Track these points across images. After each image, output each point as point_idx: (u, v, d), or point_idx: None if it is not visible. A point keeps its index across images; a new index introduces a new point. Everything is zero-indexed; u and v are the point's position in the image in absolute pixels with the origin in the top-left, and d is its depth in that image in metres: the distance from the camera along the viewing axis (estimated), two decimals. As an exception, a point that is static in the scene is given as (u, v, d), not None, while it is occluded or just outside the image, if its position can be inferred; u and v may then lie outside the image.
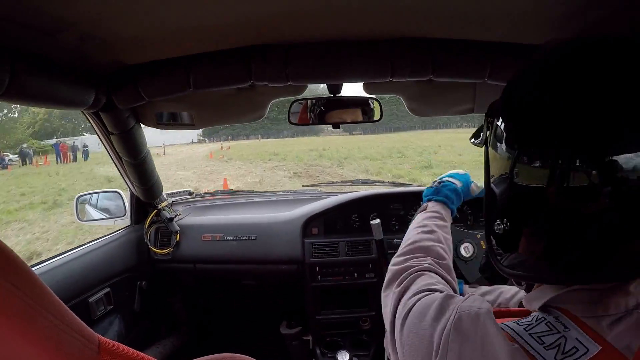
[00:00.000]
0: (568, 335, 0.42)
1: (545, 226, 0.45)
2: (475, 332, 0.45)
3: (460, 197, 0.98)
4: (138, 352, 0.41)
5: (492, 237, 0.54)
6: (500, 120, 0.50)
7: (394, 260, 0.76)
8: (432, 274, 0.66)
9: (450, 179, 1.00)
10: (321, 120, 1.26)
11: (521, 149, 0.45)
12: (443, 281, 0.66)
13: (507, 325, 0.47)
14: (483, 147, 0.57)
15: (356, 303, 1.65)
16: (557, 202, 0.42)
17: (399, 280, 0.67)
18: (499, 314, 0.56)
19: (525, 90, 0.48)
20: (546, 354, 0.42)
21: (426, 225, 0.83)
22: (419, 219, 0.89)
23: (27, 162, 21.97)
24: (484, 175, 0.55)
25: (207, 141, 37.47)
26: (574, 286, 0.46)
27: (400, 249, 0.79)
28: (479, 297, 0.51)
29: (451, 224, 1.32)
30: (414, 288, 0.62)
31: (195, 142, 36.12)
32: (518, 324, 0.47)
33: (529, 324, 0.46)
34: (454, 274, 0.72)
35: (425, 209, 0.92)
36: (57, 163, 21.51)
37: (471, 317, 0.47)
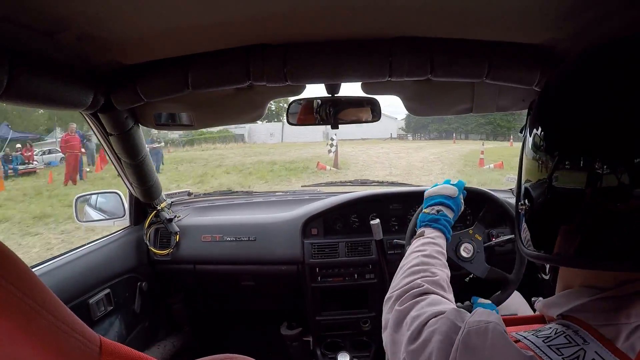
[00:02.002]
0: (587, 348, 0.42)
1: (581, 224, 0.45)
2: (484, 347, 0.45)
3: (450, 228, 0.98)
4: (139, 352, 0.41)
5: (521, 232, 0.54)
6: (539, 128, 0.50)
7: (396, 295, 0.73)
8: (435, 296, 0.66)
9: (443, 208, 1.00)
10: (320, 120, 1.26)
11: (560, 155, 0.46)
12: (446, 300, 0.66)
13: (523, 335, 0.47)
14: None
15: (356, 304, 1.65)
16: (592, 202, 0.43)
17: (408, 324, 0.62)
18: (512, 322, 0.56)
19: (563, 97, 0.49)
20: None
21: (425, 250, 0.82)
22: (416, 244, 0.87)
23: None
24: (519, 171, 0.56)
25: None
26: (598, 295, 0.46)
27: (399, 278, 0.77)
28: (487, 311, 0.51)
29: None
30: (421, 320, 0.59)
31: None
32: (536, 335, 0.46)
33: (548, 337, 0.46)
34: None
35: (422, 235, 0.91)
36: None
37: (480, 333, 0.46)
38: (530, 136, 0.52)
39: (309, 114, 1.26)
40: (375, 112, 1.27)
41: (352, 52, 0.93)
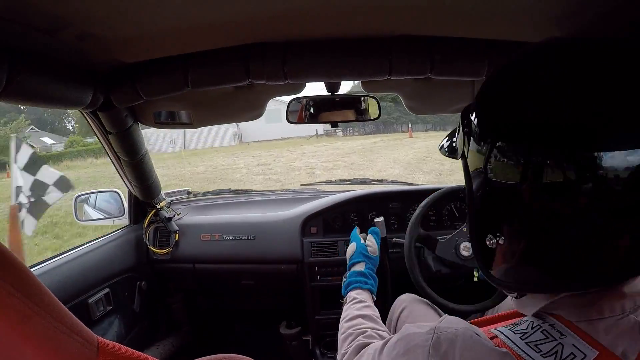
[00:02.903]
0: (565, 342, 0.42)
1: (523, 225, 0.44)
2: (454, 350, 0.45)
3: (372, 270, 1.14)
4: (137, 352, 0.41)
5: (477, 243, 0.53)
6: (474, 114, 0.50)
7: None
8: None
9: (354, 267, 1.13)
10: (320, 119, 1.26)
11: (494, 143, 0.45)
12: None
13: (500, 331, 0.47)
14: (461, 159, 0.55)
15: None
16: (532, 200, 0.42)
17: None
18: (489, 321, 0.56)
19: (500, 84, 0.48)
20: None
21: (348, 315, 0.93)
22: (343, 314, 0.97)
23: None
24: (466, 186, 0.53)
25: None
26: (566, 292, 0.45)
27: (339, 345, 0.85)
28: (456, 318, 0.51)
29: (450, 223, 1.32)
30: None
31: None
32: (513, 331, 0.46)
33: (525, 332, 0.45)
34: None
35: (344, 303, 1.03)
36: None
37: (449, 339, 0.47)
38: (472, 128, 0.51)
39: (309, 112, 1.25)
40: (375, 110, 1.27)
41: (352, 51, 0.93)
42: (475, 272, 1.27)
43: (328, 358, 1.64)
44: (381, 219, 1.42)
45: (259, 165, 11.56)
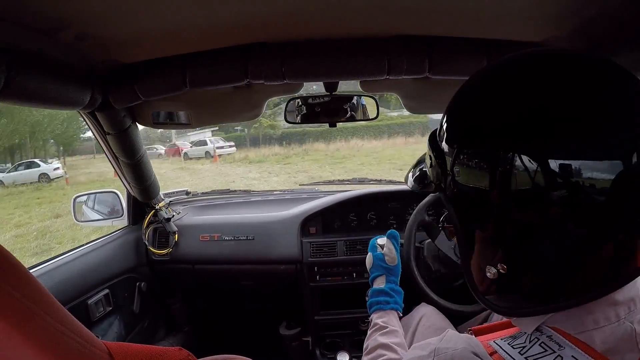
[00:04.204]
0: (563, 353, 0.42)
1: (496, 233, 0.44)
2: None
3: (394, 283, 1.01)
4: (146, 345, 0.41)
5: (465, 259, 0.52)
6: (445, 119, 0.50)
7: None
8: None
9: (375, 284, 1.02)
10: (318, 118, 1.26)
11: (462, 148, 0.45)
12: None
13: (499, 345, 0.47)
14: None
15: (355, 303, 1.64)
16: (502, 208, 0.42)
17: None
18: (486, 330, 0.56)
19: (470, 91, 0.50)
20: None
21: (367, 346, 0.87)
22: (367, 340, 0.91)
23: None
24: (448, 210, 0.52)
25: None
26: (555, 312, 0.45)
27: None
28: (455, 335, 0.51)
29: (440, 232, 1.32)
30: None
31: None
32: (512, 346, 0.46)
33: (523, 347, 0.45)
34: None
35: (370, 325, 0.95)
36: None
37: None
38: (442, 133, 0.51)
39: (307, 112, 1.25)
40: (373, 110, 1.27)
41: (350, 51, 0.93)
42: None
43: (328, 359, 1.64)
44: (384, 239, 1.42)
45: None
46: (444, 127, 0.50)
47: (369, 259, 1.06)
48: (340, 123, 1.29)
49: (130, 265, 1.55)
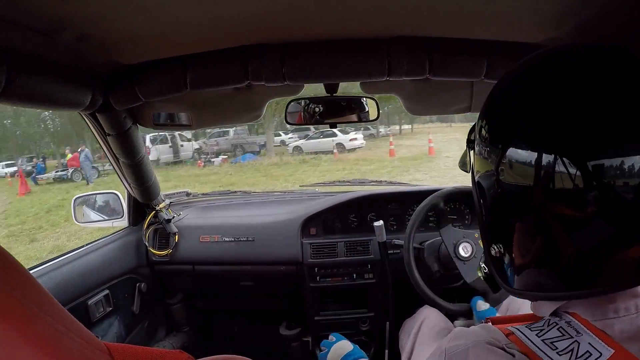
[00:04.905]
0: (581, 339, 0.42)
1: (535, 229, 0.45)
2: None
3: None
4: (147, 347, 0.41)
5: (490, 250, 0.53)
6: (485, 121, 0.50)
7: None
8: None
9: None
10: (318, 120, 1.26)
11: (505, 147, 0.45)
12: None
13: (517, 328, 0.47)
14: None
15: (355, 304, 1.65)
16: (544, 203, 0.42)
17: None
18: (506, 320, 0.56)
19: (511, 90, 0.49)
20: (559, 359, 0.41)
21: None
22: None
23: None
24: (475, 198, 0.55)
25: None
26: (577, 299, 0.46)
27: None
28: (462, 330, 0.51)
29: (449, 224, 1.32)
30: None
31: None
32: (530, 328, 0.47)
33: (541, 329, 0.46)
34: None
35: None
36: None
37: (460, 357, 0.47)
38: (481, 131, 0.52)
39: (307, 113, 1.26)
40: (373, 112, 1.27)
41: (351, 52, 0.93)
42: (478, 271, 1.27)
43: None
44: (380, 223, 1.43)
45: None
46: (485, 127, 0.50)
47: (345, 346, 1.07)
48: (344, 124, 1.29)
49: (131, 266, 1.55)
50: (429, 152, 12.40)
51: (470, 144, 0.55)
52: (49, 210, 8.96)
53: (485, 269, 0.62)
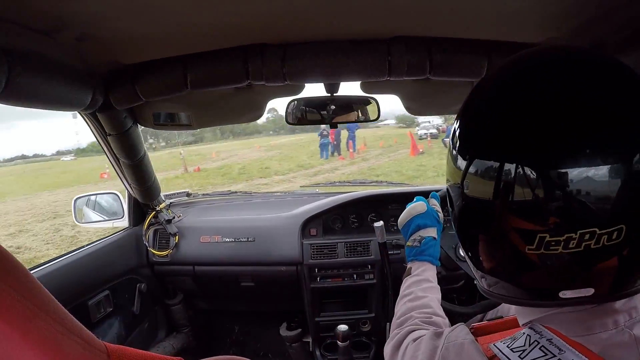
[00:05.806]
0: (564, 357, 0.42)
1: (496, 241, 0.45)
2: None
3: (438, 245, 0.95)
4: (146, 351, 0.41)
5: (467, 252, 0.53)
6: (457, 124, 0.50)
7: (389, 340, 0.74)
8: (421, 330, 0.67)
9: (426, 233, 0.94)
10: (319, 119, 1.26)
11: (470, 158, 0.45)
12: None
13: (499, 348, 0.47)
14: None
15: (356, 305, 1.64)
16: (503, 216, 0.42)
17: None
18: (486, 329, 0.56)
19: (480, 95, 0.49)
20: None
21: (412, 293, 0.83)
22: (405, 285, 0.88)
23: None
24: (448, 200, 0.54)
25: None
26: (568, 309, 0.45)
27: (393, 323, 0.79)
28: (465, 328, 0.54)
29: (449, 225, 1.32)
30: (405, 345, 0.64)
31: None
32: (511, 349, 0.46)
33: (523, 350, 0.45)
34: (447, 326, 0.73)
35: (410, 273, 0.90)
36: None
37: (456, 348, 0.50)
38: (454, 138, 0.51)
39: (308, 113, 1.25)
40: (374, 111, 1.27)
41: (351, 52, 0.93)
42: None
43: None
44: (380, 223, 1.42)
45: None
46: (457, 134, 0.49)
47: (418, 206, 0.97)
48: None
49: (131, 267, 1.55)
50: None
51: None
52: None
53: None
